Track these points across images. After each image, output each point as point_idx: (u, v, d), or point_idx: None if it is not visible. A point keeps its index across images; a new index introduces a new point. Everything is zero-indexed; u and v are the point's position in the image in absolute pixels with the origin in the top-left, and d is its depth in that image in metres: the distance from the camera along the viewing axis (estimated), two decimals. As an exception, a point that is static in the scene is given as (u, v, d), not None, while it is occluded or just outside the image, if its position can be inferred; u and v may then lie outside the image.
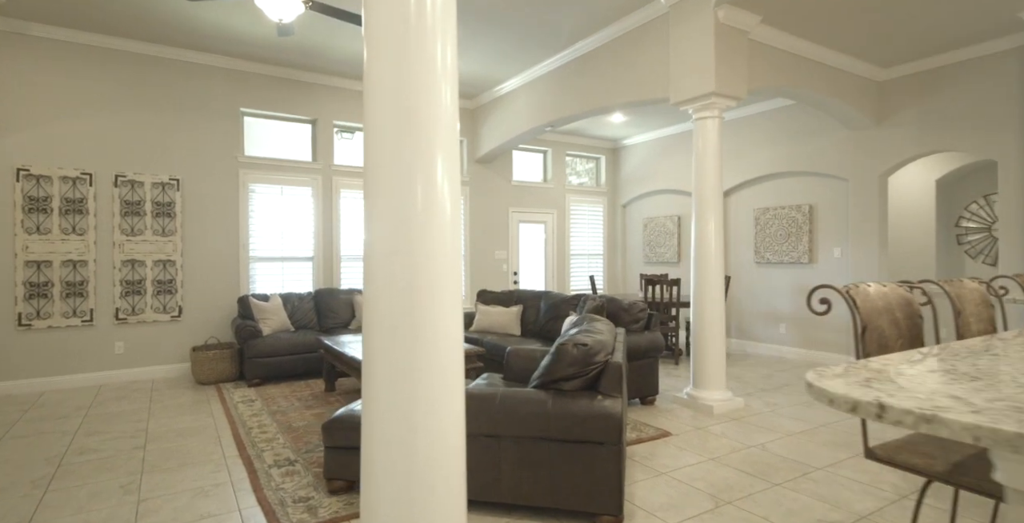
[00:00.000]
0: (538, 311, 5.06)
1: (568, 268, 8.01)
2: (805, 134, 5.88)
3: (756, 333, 6.46)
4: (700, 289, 4.06)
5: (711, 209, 4.07)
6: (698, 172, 4.13)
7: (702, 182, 4.10)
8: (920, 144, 4.94)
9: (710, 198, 4.08)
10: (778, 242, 6.21)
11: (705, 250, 4.06)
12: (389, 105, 1.46)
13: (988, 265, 5.62)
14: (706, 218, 4.08)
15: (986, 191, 5.64)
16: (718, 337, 4.01)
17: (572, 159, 9.29)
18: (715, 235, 4.06)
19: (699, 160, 4.11)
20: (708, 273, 4.04)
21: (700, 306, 4.05)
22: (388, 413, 1.43)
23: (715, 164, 4.07)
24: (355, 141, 6.50)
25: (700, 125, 4.10)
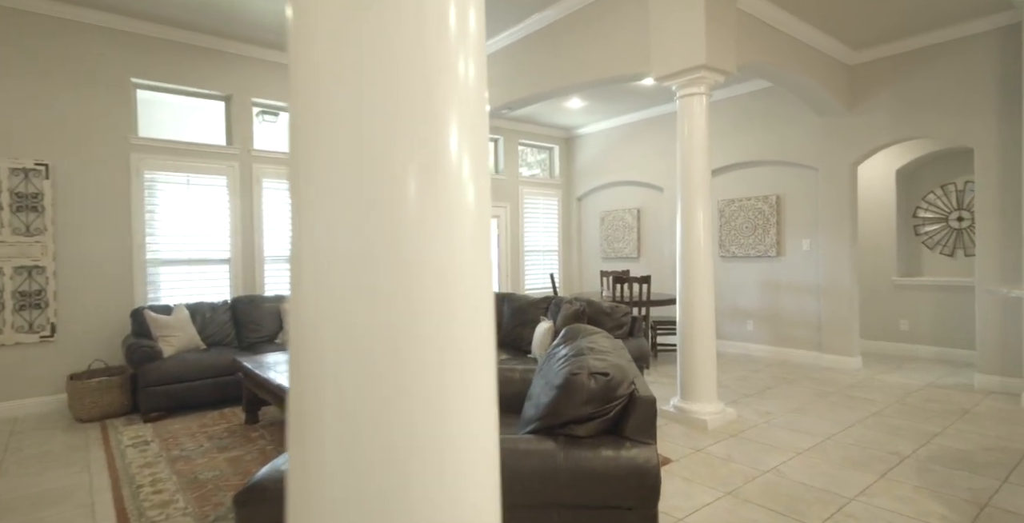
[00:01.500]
0: (501, 316, 4.46)
1: (522, 266, 7.45)
2: (773, 121, 5.63)
3: (723, 330, 6.19)
4: (688, 288, 3.61)
5: (699, 198, 3.62)
6: (684, 157, 3.66)
7: (688, 168, 3.65)
8: (892, 131, 4.77)
9: (698, 185, 3.63)
10: (744, 235, 5.96)
11: (693, 245, 3.61)
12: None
13: (945, 256, 5.61)
14: (693, 209, 3.63)
15: (944, 180, 5.63)
16: (708, 342, 3.57)
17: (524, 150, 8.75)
18: (704, 228, 3.61)
19: (685, 143, 3.65)
20: (697, 270, 3.59)
21: (688, 307, 3.60)
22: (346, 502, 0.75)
23: (703, 147, 3.62)
24: (279, 124, 5.59)
25: (685, 104, 3.63)
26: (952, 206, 5.59)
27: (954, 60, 4.42)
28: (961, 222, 5.52)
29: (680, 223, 3.67)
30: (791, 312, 5.57)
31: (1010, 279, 4.13)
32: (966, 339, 5.29)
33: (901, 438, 3.24)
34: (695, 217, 3.62)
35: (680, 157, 3.68)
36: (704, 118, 3.61)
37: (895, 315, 5.76)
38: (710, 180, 3.67)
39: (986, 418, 3.59)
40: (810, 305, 5.42)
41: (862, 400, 4.04)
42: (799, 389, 4.41)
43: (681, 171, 3.68)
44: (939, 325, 5.47)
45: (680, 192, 3.70)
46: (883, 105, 4.82)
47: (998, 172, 4.19)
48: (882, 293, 5.84)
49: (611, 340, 2.32)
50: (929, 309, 5.54)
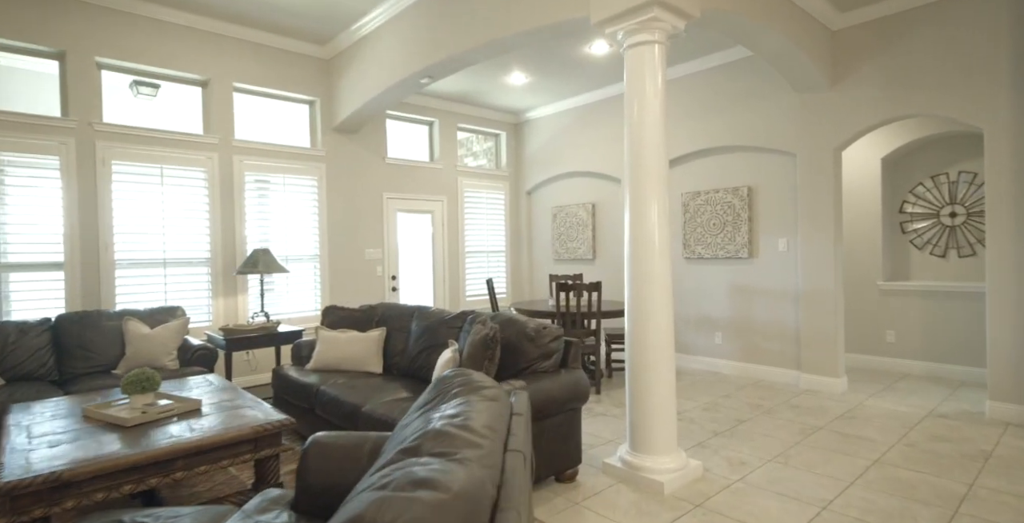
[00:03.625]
0: (408, 336, 3.48)
1: (463, 269, 6.48)
2: (745, 100, 4.81)
3: (687, 344, 5.36)
4: (638, 304, 2.70)
5: (652, 186, 2.72)
6: (633, 130, 2.76)
7: (639, 143, 2.74)
8: (883, 109, 3.99)
9: (651, 169, 2.72)
10: (711, 233, 5.13)
11: (644, 247, 2.71)
12: None
13: (936, 257, 4.91)
14: (645, 199, 2.72)
15: (934, 170, 4.92)
16: (666, 373, 2.68)
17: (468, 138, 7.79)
18: (660, 225, 2.72)
19: (634, 111, 2.74)
20: (650, 281, 2.69)
21: (639, 329, 2.69)
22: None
23: (657, 116, 2.72)
24: (162, 99, 4.48)
25: (634, 57, 2.73)
26: (943, 200, 4.89)
27: (957, 22, 3.66)
28: (954, 218, 4.82)
29: (628, 220, 2.77)
30: (766, 323, 4.77)
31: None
32: (961, 354, 4.58)
33: (918, 503, 2.41)
34: (647, 211, 2.71)
35: (628, 131, 2.77)
36: (659, 75, 2.71)
37: (880, 325, 5.03)
38: (666, 161, 2.78)
39: (1017, 467, 2.80)
40: (787, 315, 4.62)
41: (857, 440, 3.23)
42: (779, 423, 3.57)
43: (630, 149, 2.77)
44: (930, 337, 4.75)
45: (628, 180, 2.79)
46: (872, 78, 4.04)
47: (1012, 156, 3.45)
48: (866, 300, 5.11)
49: (497, 408, 1.38)
50: (918, 318, 4.82)
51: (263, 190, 4.88)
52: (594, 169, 6.12)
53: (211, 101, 4.61)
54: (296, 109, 5.29)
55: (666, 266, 2.71)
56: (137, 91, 4.62)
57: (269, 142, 4.90)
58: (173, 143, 4.37)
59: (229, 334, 3.92)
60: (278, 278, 4.93)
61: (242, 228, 4.71)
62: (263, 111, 5.06)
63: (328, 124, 5.31)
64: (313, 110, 5.33)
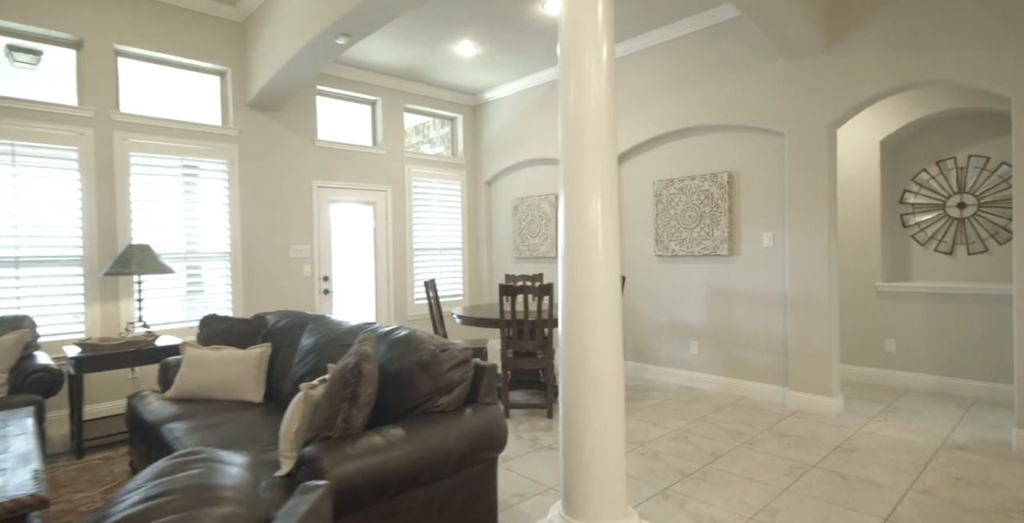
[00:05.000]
0: (293, 353, 2.74)
1: (410, 269, 5.74)
2: (723, 71, 4.13)
3: (659, 354, 4.67)
4: (574, 324, 2.00)
5: (595, 170, 2.02)
6: (569, 122, 2.05)
7: (576, 122, 2.03)
8: (888, 75, 3.33)
9: (591, 149, 2.02)
10: (687, 226, 4.45)
11: (583, 254, 2.01)
12: None
13: (942, 254, 4.28)
14: (584, 189, 2.03)
15: (940, 155, 4.29)
16: (610, 413, 1.97)
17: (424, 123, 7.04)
18: (604, 222, 2.02)
19: (571, 96, 2.04)
20: (591, 296, 1.99)
21: (575, 354, 1.99)
22: None
23: (602, 103, 2.02)
24: (44, 69, 3.68)
25: (570, 19, 2.01)
26: (950, 189, 4.25)
27: (984, -38, 3.00)
28: (963, 210, 4.19)
29: (563, 219, 2.07)
30: (748, 331, 4.10)
31: (1072, 290, 2.73)
32: (973, 366, 3.95)
33: (953, 595, 1.73)
34: (587, 206, 2.02)
35: (564, 118, 2.06)
36: (604, 45, 2.01)
37: (878, 332, 4.39)
38: (615, 155, 2.07)
39: (1068, 527, 2.15)
40: (773, 322, 3.96)
41: (860, 485, 2.56)
42: (763, 458, 2.89)
43: (565, 129, 2.06)
44: (936, 347, 4.12)
45: (563, 165, 2.09)
46: (875, 38, 3.38)
47: (1049, 129, 2.79)
48: (862, 303, 4.47)
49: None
50: (922, 325, 4.18)
51: (156, 175, 4.09)
52: (557, 155, 5.40)
53: (87, 66, 3.81)
54: (206, 82, 4.51)
55: (612, 278, 2.01)
56: (12, 59, 3.82)
57: (163, 117, 4.11)
58: (29, 115, 3.57)
59: (86, 350, 3.14)
60: (174, 280, 4.15)
61: (126, 220, 3.92)
62: (166, 84, 4.26)
63: (242, 99, 4.53)
64: (224, 83, 4.55)
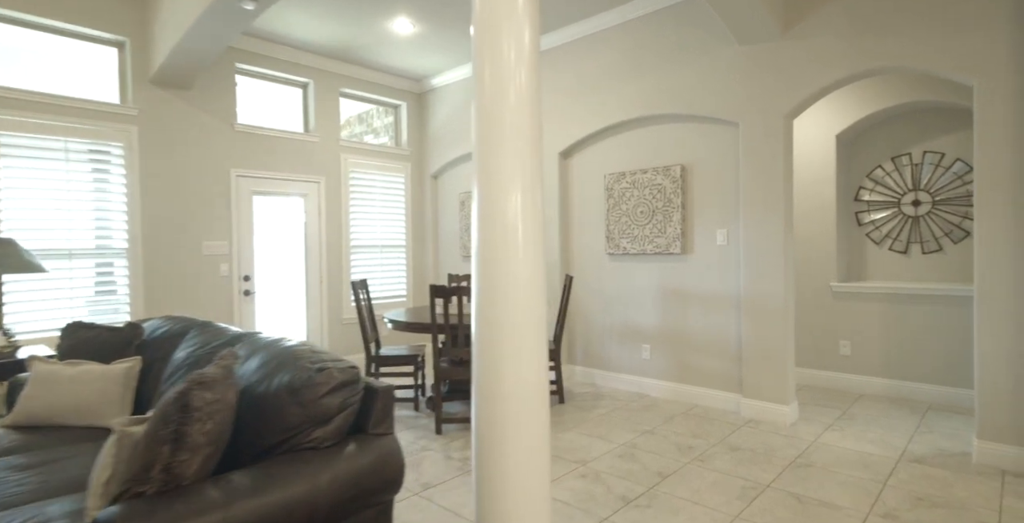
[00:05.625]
0: (165, 366, 2.28)
1: (346, 268, 5.27)
2: (676, 57, 3.86)
3: (609, 358, 4.39)
4: (488, 334, 1.65)
5: (516, 163, 1.69)
6: (483, 116, 1.70)
7: (491, 114, 1.69)
8: (846, 61, 3.11)
9: (512, 141, 1.68)
10: (638, 223, 4.17)
11: (501, 253, 1.66)
12: None
13: (898, 253, 4.14)
14: (503, 183, 1.69)
15: (895, 151, 4.15)
16: (533, 444, 1.62)
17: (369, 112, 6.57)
18: (526, 220, 1.69)
19: (486, 84, 1.69)
20: (508, 301, 1.64)
21: (490, 372, 1.64)
22: None
23: (524, 70, 1.68)
24: None
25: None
26: (905, 186, 4.12)
27: (946, -60, 2.81)
28: (917, 207, 4.06)
29: (477, 217, 1.72)
30: (702, 334, 3.85)
31: (1036, 292, 2.56)
32: (926, 370, 3.82)
33: None
34: (504, 198, 1.67)
35: (476, 77, 1.71)
36: (527, 26, 1.67)
37: (833, 334, 4.23)
38: (539, 121, 1.73)
39: (1040, 557, 1.93)
40: (728, 324, 3.72)
41: (817, 508, 2.30)
42: (713, 478, 2.62)
43: (478, 109, 1.71)
44: (890, 350, 3.97)
45: (476, 150, 1.73)
46: (834, 22, 3.16)
47: (1015, 116, 2.62)
48: (816, 304, 4.30)
49: None
50: (876, 327, 4.04)
51: (33, 158, 3.52)
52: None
53: (-60, 27, 3.22)
54: (103, 55, 3.94)
55: (534, 283, 1.66)
56: None
57: (43, 92, 3.54)
58: None
59: (-83, 366, 2.59)
60: (53, 282, 3.59)
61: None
62: (54, 56, 3.68)
63: (143, 74, 3.99)
64: (123, 55, 3.99)
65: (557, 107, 4.59)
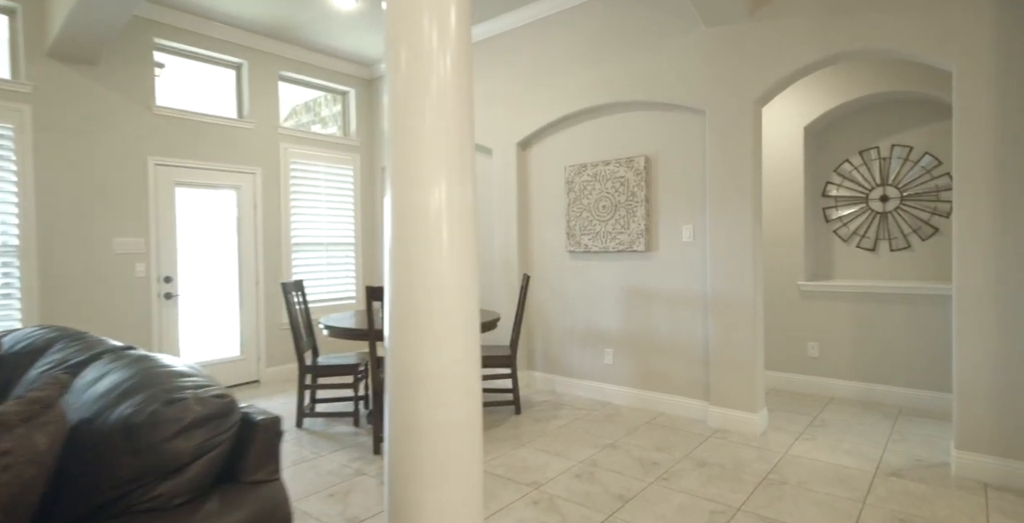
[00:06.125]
0: (13, 388, 1.85)
1: (287, 268, 4.83)
2: (639, 40, 3.60)
3: (570, 363, 4.10)
4: (407, 370, 1.31)
5: (440, 153, 1.37)
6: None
7: (411, 91, 1.36)
8: (818, 44, 2.90)
9: (431, 130, 1.35)
10: (600, 218, 3.90)
11: (420, 253, 1.33)
12: None
13: (866, 250, 3.99)
14: (419, 179, 1.36)
15: (863, 144, 4.00)
16: (461, 489, 1.30)
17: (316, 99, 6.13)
18: (452, 217, 1.38)
19: (401, 66, 1.38)
20: (430, 314, 1.31)
21: (405, 401, 1.30)
22: None
23: (449, 52, 1.39)
24: None
25: None
26: (873, 181, 3.97)
27: (924, -89, 2.62)
28: (885, 203, 3.92)
29: (388, 209, 1.38)
30: (667, 337, 3.60)
31: (1021, 288, 2.38)
32: (896, 372, 3.67)
33: None
34: (425, 191, 1.35)
35: (390, 58, 1.38)
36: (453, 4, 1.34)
37: (801, 335, 4.05)
38: (470, 92, 1.41)
39: (1040, 590, 1.72)
40: (694, 327, 3.47)
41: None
42: (679, 500, 2.35)
43: (394, 81, 1.38)
44: (859, 351, 3.82)
45: (389, 134, 1.40)
46: (805, 1, 2.94)
47: (996, 103, 2.43)
48: (784, 304, 4.11)
49: None
50: (845, 327, 3.88)
51: None
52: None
53: None
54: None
55: (464, 291, 1.34)
56: None
57: (-96, 60, 3.01)
58: None
59: None
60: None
61: None
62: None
63: (37, 46, 3.47)
64: (14, 23, 3.47)
65: (514, 94, 4.28)
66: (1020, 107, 2.37)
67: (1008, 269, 2.40)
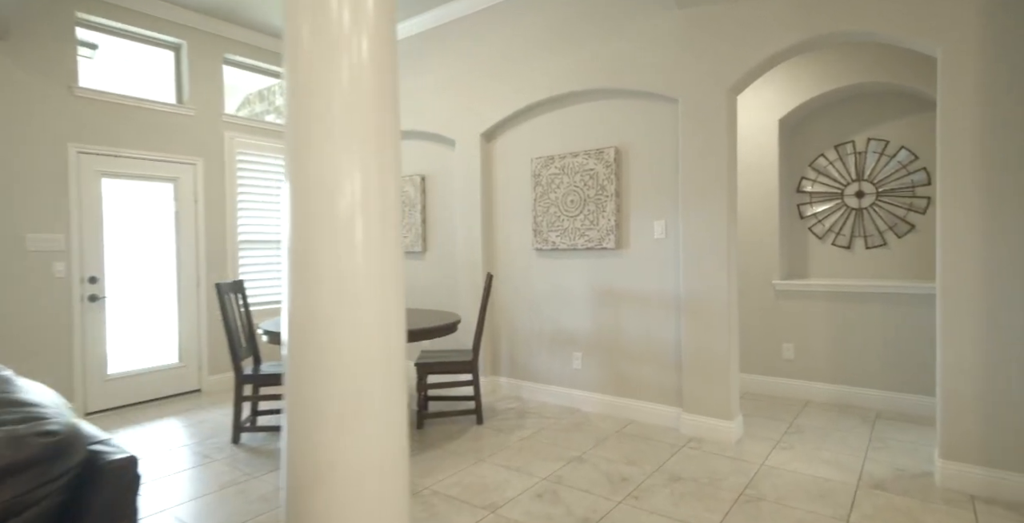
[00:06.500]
0: None
1: (233, 267, 4.45)
2: (608, 24, 3.37)
3: (537, 368, 3.86)
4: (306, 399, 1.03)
5: (353, 148, 1.10)
6: (297, 22, 1.08)
7: (314, 76, 1.07)
8: (796, 27, 2.72)
9: (345, 117, 1.07)
10: (568, 214, 3.67)
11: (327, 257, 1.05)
12: None
13: (841, 248, 3.86)
14: (319, 174, 1.08)
15: (838, 138, 3.87)
16: None
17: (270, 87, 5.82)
18: (368, 214, 1.11)
19: (300, 43, 1.07)
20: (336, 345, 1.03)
21: (308, 456, 1.02)
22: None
23: (368, 2, 1.08)
24: None
25: None
26: (849, 176, 3.84)
27: None
28: (861, 199, 3.79)
29: (290, 205, 1.10)
30: (638, 340, 3.39)
31: (1010, 287, 2.23)
32: (872, 374, 3.54)
33: None
34: (335, 185, 1.07)
35: (288, 13, 1.09)
36: None
37: (776, 336, 3.90)
38: (393, 80, 1.13)
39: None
40: (666, 329, 3.27)
41: (775, 563, 1.85)
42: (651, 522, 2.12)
43: (293, 63, 1.09)
44: (834, 352, 3.68)
45: (288, 123, 1.11)
46: (782, -18, 2.76)
47: (983, 90, 2.28)
48: (759, 304, 3.96)
49: None
50: (821, 328, 3.73)
51: None
52: (424, 127, 4.42)
53: None
54: None
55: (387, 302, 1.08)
56: None
57: None
58: None
59: None
60: None
61: None
62: None
63: (-70, 14, 3.05)
64: (-98, -12, 3.04)
65: (479, 82, 4.02)
66: (1009, 93, 2.22)
67: (997, 269, 2.25)
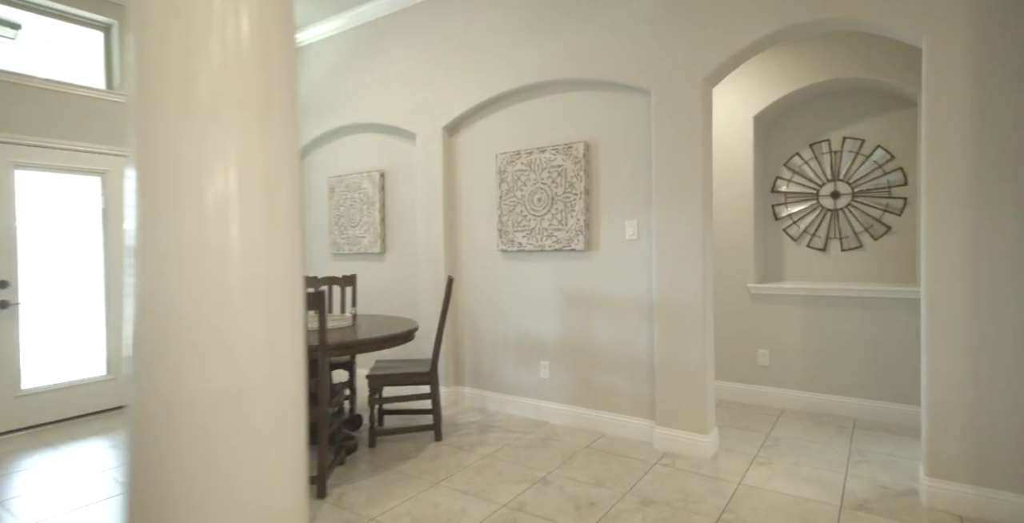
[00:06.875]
0: None
1: (172, 267, 4.07)
2: (577, 10, 3.16)
3: (503, 378, 3.62)
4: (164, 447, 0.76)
5: (225, 138, 0.83)
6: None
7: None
8: (776, 12, 2.55)
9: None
10: (536, 213, 3.44)
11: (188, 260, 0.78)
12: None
13: (817, 250, 3.74)
14: (202, 152, 0.79)
15: (813, 137, 3.74)
16: None
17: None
18: (247, 210, 0.85)
19: None
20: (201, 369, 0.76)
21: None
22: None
23: None
24: None
25: None
26: (824, 176, 3.72)
27: None
28: (836, 200, 3.67)
29: (137, 204, 0.82)
30: (609, 348, 3.18)
31: (1003, 291, 2.09)
32: (848, 382, 3.42)
33: None
34: (206, 177, 0.80)
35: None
36: None
37: (751, 342, 3.75)
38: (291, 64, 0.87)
39: None
40: (638, 336, 3.07)
41: (758, 605, 1.64)
42: (620, 557, 1.90)
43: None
44: (810, 359, 3.54)
45: (135, 106, 0.83)
46: (761, -34, 2.59)
47: (972, 81, 2.14)
48: (734, 308, 3.80)
49: None
50: (796, 333, 3.60)
51: None
52: (383, 120, 4.13)
53: None
54: None
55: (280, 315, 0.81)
56: None
57: None
58: None
59: None
60: None
61: None
62: None
63: None
64: None
65: (441, 72, 3.75)
66: (999, 85, 2.08)
67: (989, 274, 2.11)
